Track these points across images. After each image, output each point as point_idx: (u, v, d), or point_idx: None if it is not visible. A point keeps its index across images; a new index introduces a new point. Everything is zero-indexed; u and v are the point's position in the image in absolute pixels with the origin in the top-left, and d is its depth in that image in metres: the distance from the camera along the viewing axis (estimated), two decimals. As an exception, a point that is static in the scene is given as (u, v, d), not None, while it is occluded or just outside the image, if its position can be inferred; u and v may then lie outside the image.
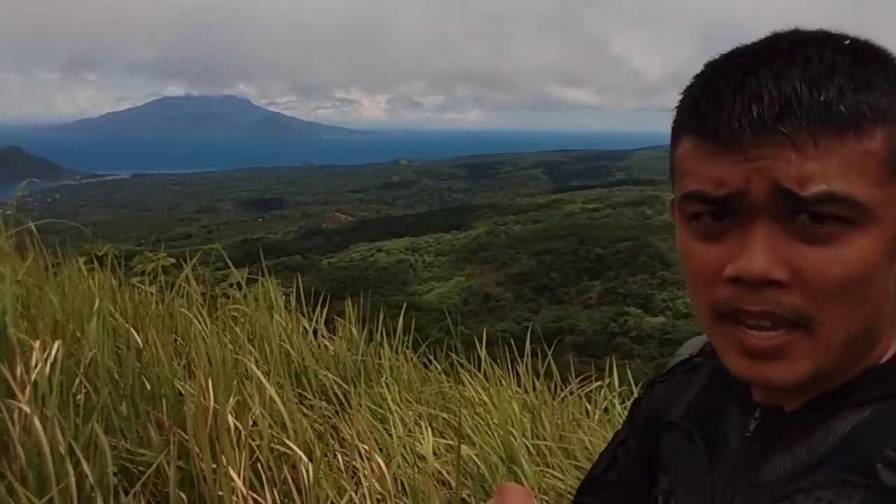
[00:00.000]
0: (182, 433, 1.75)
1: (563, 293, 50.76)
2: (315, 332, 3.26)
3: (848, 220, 0.56)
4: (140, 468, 1.86)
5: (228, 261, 4.33)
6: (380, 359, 3.12)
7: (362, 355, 3.03)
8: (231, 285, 4.25)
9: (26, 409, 1.66)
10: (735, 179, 0.57)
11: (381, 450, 2.30)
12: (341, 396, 2.75)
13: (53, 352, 2.11)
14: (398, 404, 2.59)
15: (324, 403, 2.63)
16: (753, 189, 0.57)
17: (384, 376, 3.03)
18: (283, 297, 3.47)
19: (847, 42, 0.60)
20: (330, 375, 2.75)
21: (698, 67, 0.64)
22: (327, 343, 3.21)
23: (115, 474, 1.70)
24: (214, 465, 1.67)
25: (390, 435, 2.32)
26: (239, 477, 1.65)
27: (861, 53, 0.59)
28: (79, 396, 2.05)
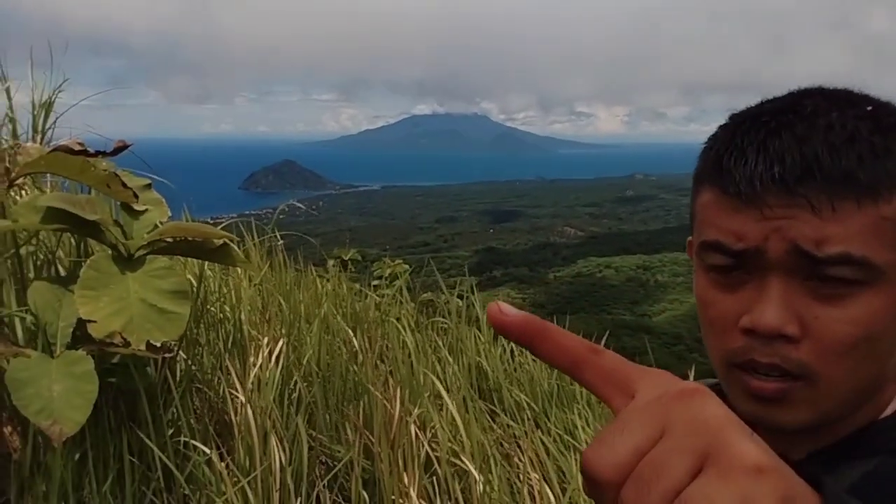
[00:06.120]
0: (369, 435, 1.90)
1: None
2: (512, 351, 3.32)
3: (860, 282, 0.57)
4: (334, 462, 2.05)
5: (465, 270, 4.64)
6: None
7: (557, 378, 3.01)
8: (439, 296, 4.55)
9: (242, 398, 1.92)
10: (754, 235, 0.60)
11: (563, 474, 2.28)
12: (532, 418, 2.76)
13: (277, 349, 2.42)
14: (587, 431, 2.54)
15: (512, 423, 2.66)
16: (771, 247, 0.59)
17: (580, 402, 2.98)
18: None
19: (870, 108, 0.61)
20: (522, 396, 2.78)
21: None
22: (524, 361, 3.25)
23: (308, 464, 1.90)
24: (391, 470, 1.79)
25: (576, 461, 2.28)
26: (412, 484, 1.75)
27: (883, 121, 0.60)
28: (294, 393, 2.32)
